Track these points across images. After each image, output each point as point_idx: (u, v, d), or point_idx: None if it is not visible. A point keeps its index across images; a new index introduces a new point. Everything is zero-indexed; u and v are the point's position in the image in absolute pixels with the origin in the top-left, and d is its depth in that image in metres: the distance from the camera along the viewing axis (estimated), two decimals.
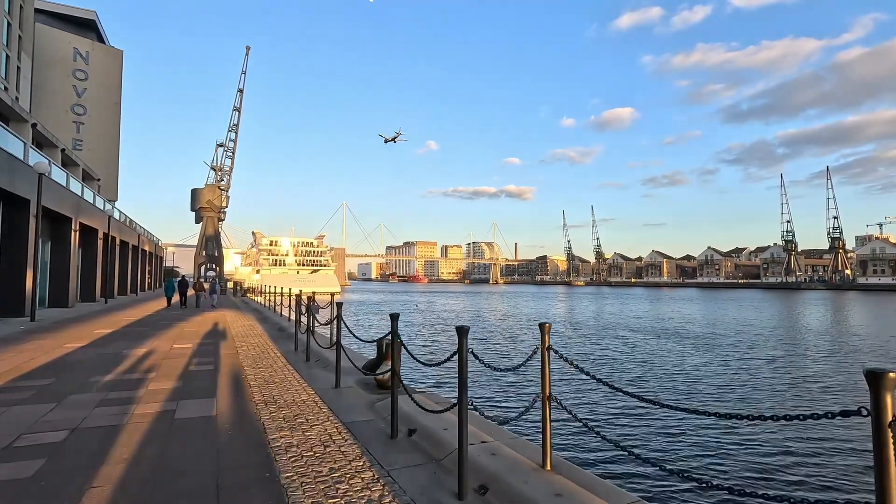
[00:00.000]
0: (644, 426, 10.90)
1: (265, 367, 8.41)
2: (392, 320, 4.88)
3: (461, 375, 3.61)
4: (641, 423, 11.14)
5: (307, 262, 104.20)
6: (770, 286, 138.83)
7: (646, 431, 10.55)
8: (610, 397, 13.00)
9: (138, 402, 5.89)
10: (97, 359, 8.90)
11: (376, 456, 4.23)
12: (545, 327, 3.86)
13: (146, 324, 16.01)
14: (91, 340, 11.42)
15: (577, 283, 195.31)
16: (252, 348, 10.61)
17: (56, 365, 8.26)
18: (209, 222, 79.61)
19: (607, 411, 12.05)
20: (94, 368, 7.97)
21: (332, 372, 7.95)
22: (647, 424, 10.99)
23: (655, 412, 11.45)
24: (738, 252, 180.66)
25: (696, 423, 10.76)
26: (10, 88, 40.81)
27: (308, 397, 6.32)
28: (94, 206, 27.37)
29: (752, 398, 13.81)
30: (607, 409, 12.19)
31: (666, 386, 15.32)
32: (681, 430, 10.59)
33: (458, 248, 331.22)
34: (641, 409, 11.83)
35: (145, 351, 10.00)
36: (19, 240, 17.30)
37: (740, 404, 13.19)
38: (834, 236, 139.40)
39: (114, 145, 58.35)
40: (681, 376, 16.75)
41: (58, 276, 22.83)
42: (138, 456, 4.13)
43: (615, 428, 10.79)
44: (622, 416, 11.66)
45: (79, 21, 56.93)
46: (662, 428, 10.74)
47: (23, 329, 13.68)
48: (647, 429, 10.71)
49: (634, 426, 10.93)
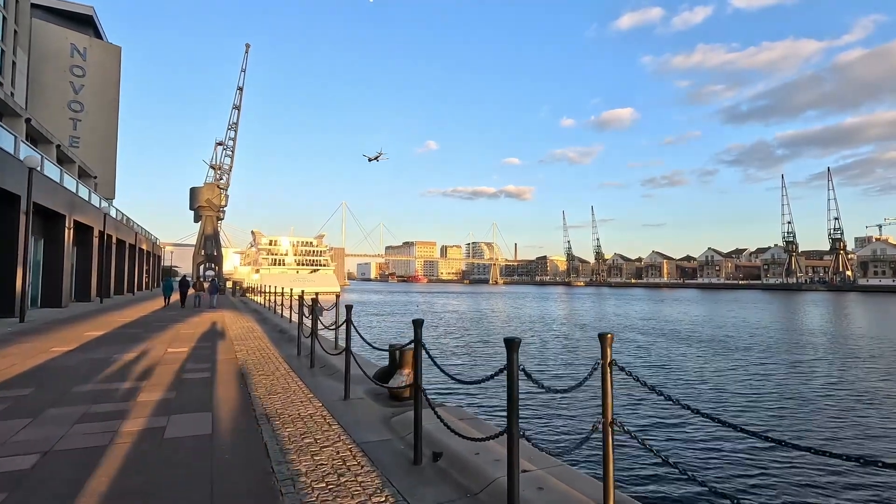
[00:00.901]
0: (727, 457, 9.31)
1: (266, 374, 7.76)
2: (415, 327, 4.23)
3: (511, 396, 2.98)
4: (723, 452, 9.51)
5: (307, 262, 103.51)
6: (771, 287, 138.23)
7: (728, 463, 9.05)
8: (671, 417, 11.49)
9: (124, 418, 5.23)
10: (84, 365, 8.24)
11: (400, 489, 3.57)
12: (607, 339, 3.21)
13: (141, 325, 15.34)
14: (80, 343, 10.75)
15: (576, 284, 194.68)
16: (252, 353, 9.95)
17: (38, 372, 7.60)
18: (208, 221, 78.79)
19: (672, 434, 10.53)
20: (80, 376, 7.31)
21: (339, 381, 7.31)
22: (730, 455, 9.39)
23: (739, 440, 9.84)
24: (739, 253, 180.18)
25: (785, 456, 9.08)
26: (5, 84, 40.06)
27: (315, 411, 5.67)
28: (89, 204, 26.67)
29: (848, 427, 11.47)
30: (672, 432, 10.62)
31: (730, 404, 13.47)
32: (765, 461, 8.97)
33: (458, 249, 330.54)
34: (723, 436, 10.20)
35: (137, 355, 9.33)
36: (9, 237, 16.61)
37: (839, 433, 10.94)
38: (835, 237, 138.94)
39: (111, 143, 57.56)
40: (737, 390, 14.97)
41: (51, 275, 22.13)
42: (118, 488, 3.47)
43: (689, 457, 9.26)
44: (694, 442, 10.04)
45: (76, 16, 56.12)
46: (747, 459, 9.18)
47: (10, 331, 13.00)
48: (730, 461, 9.14)
49: (713, 456, 9.34)
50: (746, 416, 12.40)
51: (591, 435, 3.19)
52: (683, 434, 10.64)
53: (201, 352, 9.98)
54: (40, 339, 11.49)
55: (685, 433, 10.70)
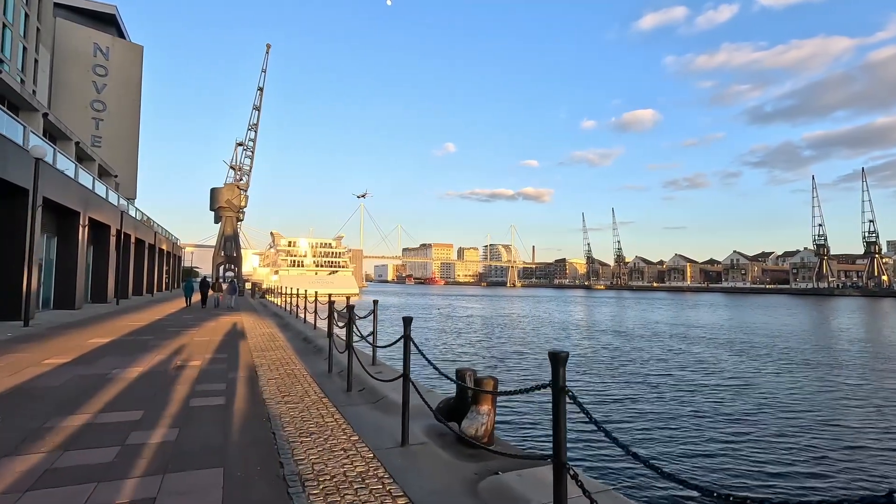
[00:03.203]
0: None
1: (294, 401, 6.19)
2: (553, 361, 2.55)
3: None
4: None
5: (325, 264, 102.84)
6: (801, 292, 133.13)
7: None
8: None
9: (101, 479, 3.67)
10: (73, 385, 6.77)
11: None
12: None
13: (153, 331, 13.99)
14: (79, 354, 9.35)
15: (597, 287, 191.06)
16: (275, 369, 8.42)
17: (14, 395, 6.15)
18: (228, 222, 78.49)
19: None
20: (62, 403, 5.82)
21: (386, 412, 5.70)
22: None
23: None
24: (765, 256, 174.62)
25: None
26: (26, 81, 39.74)
27: (365, 465, 4.05)
28: (106, 201, 25.68)
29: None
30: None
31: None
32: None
33: (475, 251, 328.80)
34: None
35: (140, 371, 7.86)
36: (15, 233, 15.46)
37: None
38: (870, 240, 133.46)
39: (133, 142, 57.33)
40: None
41: (64, 275, 21.05)
42: None
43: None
44: None
45: (99, 16, 56.05)
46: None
47: (9, 337, 11.73)
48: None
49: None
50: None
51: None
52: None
53: (216, 366, 8.48)
54: (37, 347, 10.15)
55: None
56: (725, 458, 9.38)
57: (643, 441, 10.30)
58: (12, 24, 37.63)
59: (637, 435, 10.72)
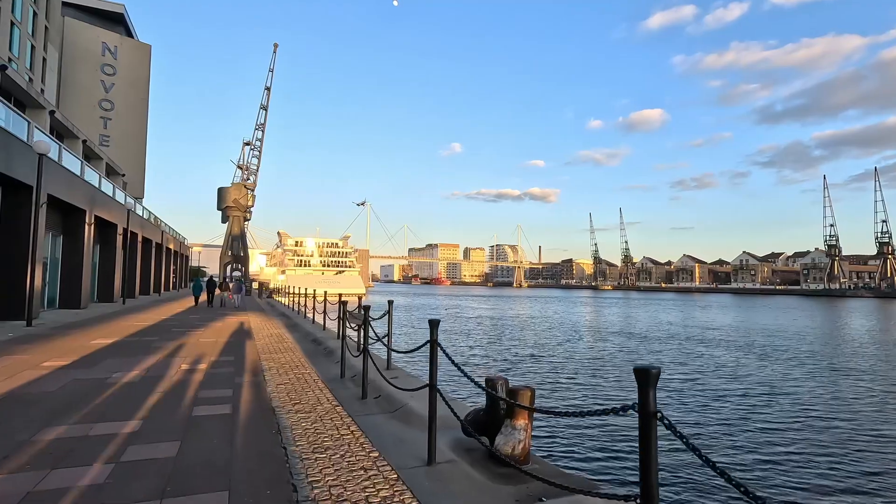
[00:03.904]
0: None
1: (306, 410, 5.71)
2: (640, 379, 2.06)
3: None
4: None
5: (332, 263, 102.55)
6: (812, 293, 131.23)
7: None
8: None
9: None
10: (68, 391, 6.34)
11: None
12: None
13: (158, 331, 13.60)
14: (79, 356, 8.94)
15: (604, 288, 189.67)
16: (284, 373, 7.95)
17: (5, 403, 5.71)
18: (235, 221, 78.35)
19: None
20: (55, 411, 5.37)
21: (407, 424, 5.21)
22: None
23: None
24: (775, 257, 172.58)
25: None
26: (35, 80, 39.67)
27: (389, 489, 3.56)
28: (112, 199, 25.41)
29: None
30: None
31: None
32: None
33: (481, 251, 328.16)
34: None
35: (141, 375, 7.42)
36: (19, 231, 15.13)
37: None
38: (882, 241, 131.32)
39: (141, 142, 57.30)
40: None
41: (70, 273, 20.77)
42: None
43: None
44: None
45: (107, 15, 56.04)
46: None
47: (10, 337, 11.36)
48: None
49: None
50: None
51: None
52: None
53: (222, 370, 8.03)
54: (38, 348, 9.75)
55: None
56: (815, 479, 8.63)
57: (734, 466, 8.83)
58: (21, 22, 37.55)
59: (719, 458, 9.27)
